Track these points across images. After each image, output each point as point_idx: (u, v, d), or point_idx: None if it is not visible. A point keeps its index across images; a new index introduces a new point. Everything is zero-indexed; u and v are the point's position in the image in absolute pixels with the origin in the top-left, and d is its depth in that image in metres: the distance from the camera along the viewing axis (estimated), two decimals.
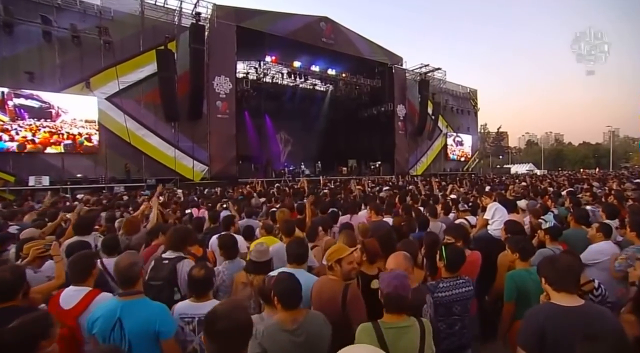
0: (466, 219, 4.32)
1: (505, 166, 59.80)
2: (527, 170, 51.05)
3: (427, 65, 27.04)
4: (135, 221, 4.08)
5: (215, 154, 18.44)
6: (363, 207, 5.49)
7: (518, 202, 5.38)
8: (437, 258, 2.38)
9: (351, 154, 27.72)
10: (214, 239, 3.80)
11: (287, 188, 11.08)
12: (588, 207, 4.61)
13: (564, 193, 7.79)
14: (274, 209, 5.25)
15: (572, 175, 19.59)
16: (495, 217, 3.75)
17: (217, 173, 18.36)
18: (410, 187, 9.44)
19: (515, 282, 2.35)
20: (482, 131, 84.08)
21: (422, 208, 5.78)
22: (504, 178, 18.93)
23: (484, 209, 4.30)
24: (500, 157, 76.07)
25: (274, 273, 2.11)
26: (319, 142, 29.65)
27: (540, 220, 4.22)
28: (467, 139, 31.97)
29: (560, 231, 3.29)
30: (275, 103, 26.02)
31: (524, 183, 11.72)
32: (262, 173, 22.63)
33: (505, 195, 6.21)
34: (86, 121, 14.76)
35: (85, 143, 14.77)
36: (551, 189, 9.55)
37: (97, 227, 4.27)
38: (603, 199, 5.88)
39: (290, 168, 24.48)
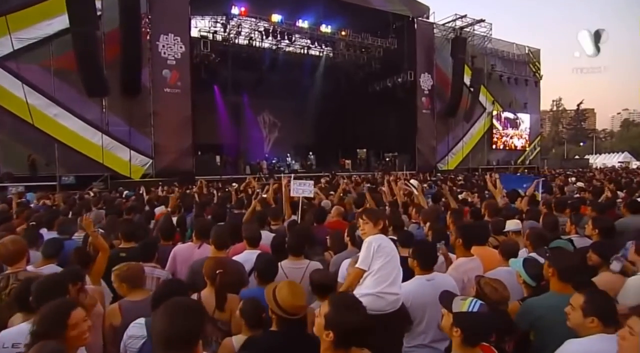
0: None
1: (586, 156, 56.42)
2: (619, 162, 48.31)
3: (464, 16, 25.66)
4: None
5: (162, 142, 17.83)
6: None
7: (508, 223, 4.03)
8: None
9: (359, 142, 26.79)
10: None
11: (215, 191, 9.95)
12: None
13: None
14: None
15: None
16: (374, 265, 2.37)
17: (165, 168, 17.76)
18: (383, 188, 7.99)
19: None
20: (555, 108, 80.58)
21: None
22: (568, 173, 16.87)
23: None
24: (582, 144, 72.02)
25: None
26: (316, 126, 28.80)
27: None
28: (524, 119, 30.69)
29: None
30: (254, 74, 25.10)
31: (579, 184, 9.96)
32: (231, 168, 21.95)
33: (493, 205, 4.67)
34: None
35: None
36: (620, 195, 7.77)
37: None
38: None
39: (272, 161, 23.58)
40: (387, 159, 25.13)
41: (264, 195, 8.54)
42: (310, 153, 24.64)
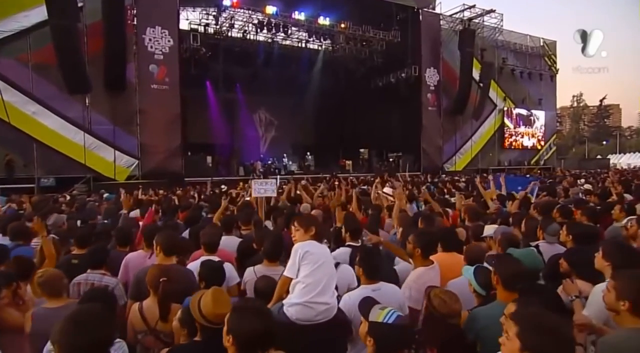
0: None
1: (609, 156, 55.81)
2: None
3: (473, 6, 25.58)
4: None
5: (149, 142, 17.93)
6: None
7: (487, 228, 4.04)
8: None
9: (360, 142, 26.86)
10: None
11: (196, 195, 9.96)
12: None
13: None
14: None
15: None
16: (301, 273, 2.38)
17: (153, 169, 17.87)
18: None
19: None
20: (575, 104, 79.74)
21: None
22: (584, 174, 16.68)
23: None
24: (605, 142, 71.40)
25: None
26: (315, 125, 28.97)
27: None
28: (539, 116, 30.59)
29: None
30: (248, 69, 25.25)
31: (587, 186, 9.85)
32: (223, 169, 21.97)
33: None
34: None
35: None
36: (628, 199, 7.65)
37: None
38: None
39: (268, 161, 23.62)
40: (391, 160, 25.05)
41: (247, 198, 8.56)
42: (308, 153, 24.65)
